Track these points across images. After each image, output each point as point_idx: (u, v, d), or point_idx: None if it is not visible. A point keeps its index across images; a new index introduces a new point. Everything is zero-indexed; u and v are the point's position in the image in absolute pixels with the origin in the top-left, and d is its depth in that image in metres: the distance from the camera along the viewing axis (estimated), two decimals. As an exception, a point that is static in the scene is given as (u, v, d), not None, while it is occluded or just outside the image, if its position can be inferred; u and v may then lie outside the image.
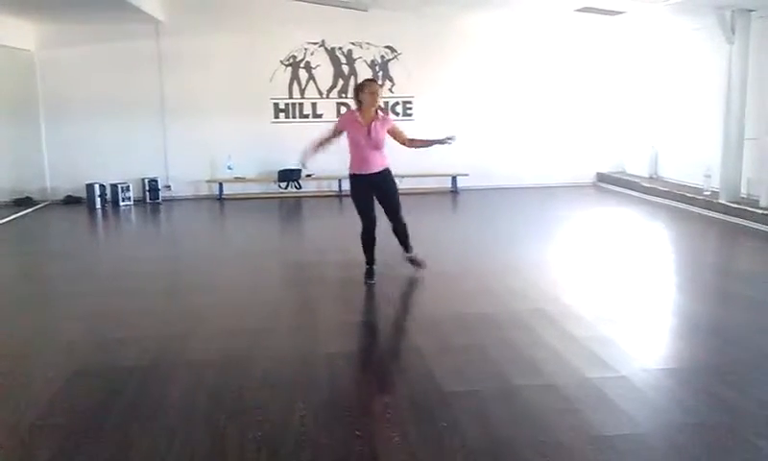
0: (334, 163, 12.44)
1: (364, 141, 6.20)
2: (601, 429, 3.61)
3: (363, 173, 6.30)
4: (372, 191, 6.36)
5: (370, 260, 6.52)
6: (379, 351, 4.90)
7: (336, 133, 6.44)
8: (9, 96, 12.05)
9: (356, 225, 6.47)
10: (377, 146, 6.24)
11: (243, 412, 3.86)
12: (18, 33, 11.43)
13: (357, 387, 4.27)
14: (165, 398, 4.09)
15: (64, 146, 12.27)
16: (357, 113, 6.29)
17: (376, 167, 6.30)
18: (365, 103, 6.22)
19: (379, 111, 6.32)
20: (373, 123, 6.20)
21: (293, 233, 10.59)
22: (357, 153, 6.30)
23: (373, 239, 6.43)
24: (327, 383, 4.28)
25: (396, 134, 6.39)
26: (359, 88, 6.33)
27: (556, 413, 3.81)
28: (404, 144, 6.48)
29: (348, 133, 6.30)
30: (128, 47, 12.15)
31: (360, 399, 4.09)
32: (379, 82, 12.68)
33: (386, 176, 6.37)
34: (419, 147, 6.57)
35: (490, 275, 6.94)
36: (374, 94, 6.23)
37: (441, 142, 6.40)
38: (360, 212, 6.37)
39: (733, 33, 9.63)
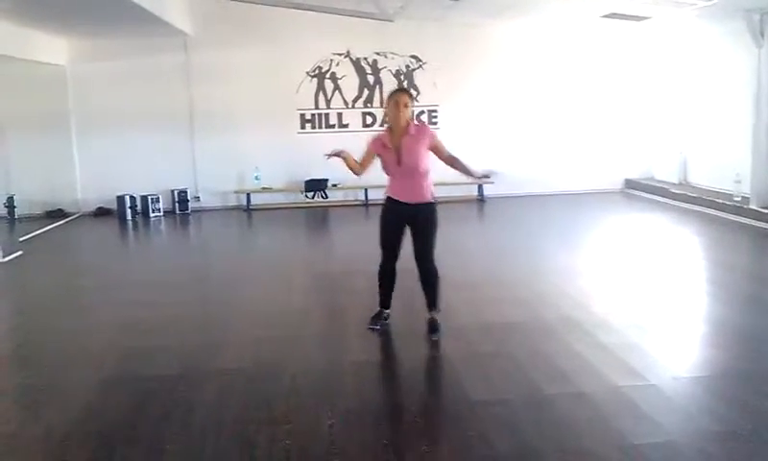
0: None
1: (393, 169, 5.12)
2: (631, 438, 3.58)
3: (397, 199, 5.19)
4: (405, 222, 5.22)
5: (383, 302, 5.54)
6: (407, 359, 4.91)
7: (369, 156, 5.26)
8: (41, 110, 12.27)
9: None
10: (413, 171, 5.07)
11: (272, 420, 3.90)
12: (50, 48, 11.67)
13: (385, 396, 4.29)
14: (195, 406, 4.15)
15: (95, 158, 12.49)
16: (386, 136, 5.14)
17: (415, 198, 5.13)
18: (389, 117, 5.15)
19: (412, 124, 5.11)
20: (403, 142, 5.04)
21: (320, 243, 10.64)
22: (392, 179, 5.24)
23: (392, 277, 5.43)
24: (356, 392, 4.31)
25: (437, 151, 5.17)
26: (388, 99, 5.21)
27: (585, 422, 3.79)
28: (445, 162, 5.23)
29: (381, 158, 5.21)
30: (157, 61, 12.35)
31: (388, 407, 4.10)
32: (408, 87, 12.75)
33: (426, 212, 5.16)
34: (457, 169, 5.27)
35: (518, 282, 6.93)
36: (398, 105, 5.03)
37: (481, 178, 5.49)
38: (381, 241, 5.34)
39: (762, 36, 9.50)
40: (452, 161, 5.22)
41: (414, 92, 12.87)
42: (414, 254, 5.22)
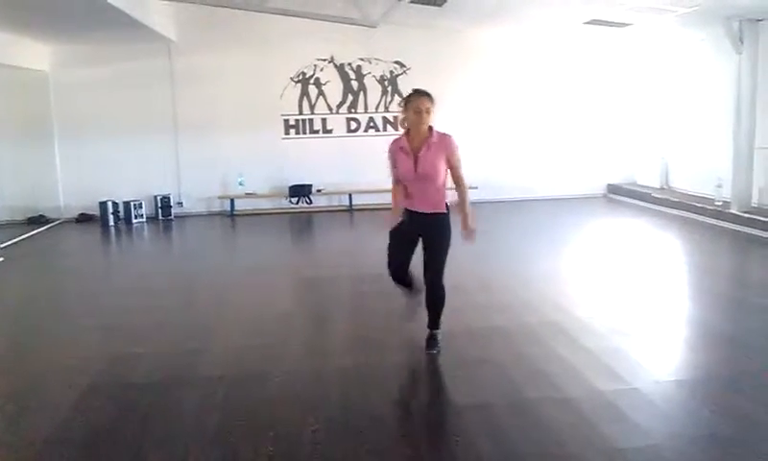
0: (344, 178, 12.68)
1: (411, 176, 4.76)
2: (614, 442, 3.60)
3: (408, 208, 4.89)
4: (417, 234, 4.87)
5: (409, 292, 5.24)
6: (391, 365, 4.91)
7: (395, 174, 4.92)
8: (23, 116, 12.21)
9: (366, 238, 6.44)
10: (428, 180, 4.75)
11: (255, 427, 3.88)
12: (33, 54, 11.59)
13: (369, 402, 4.28)
14: (178, 413, 4.12)
15: (78, 164, 12.41)
16: (405, 139, 4.80)
17: (427, 207, 4.82)
18: (410, 123, 4.76)
19: (435, 132, 4.78)
20: (423, 150, 4.72)
21: (304, 248, 10.61)
22: (406, 186, 4.89)
23: (407, 283, 5.12)
24: (339, 398, 4.30)
25: (451, 166, 4.82)
26: (405, 103, 4.83)
27: (569, 426, 3.80)
28: (453, 180, 4.88)
29: (396, 164, 4.86)
30: (140, 66, 12.30)
31: (372, 413, 4.09)
32: (394, 98, 12.77)
33: (438, 222, 4.83)
34: (458, 195, 4.91)
35: (502, 288, 6.95)
36: (420, 113, 4.67)
37: (466, 228, 4.91)
38: (388, 251, 5.00)
39: (742, 42, 9.63)
40: (459, 185, 4.88)
41: (398, 98, 12.92)
42: (423, 268, 4.90)
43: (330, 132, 13.00)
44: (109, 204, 12.03)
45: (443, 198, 4.85)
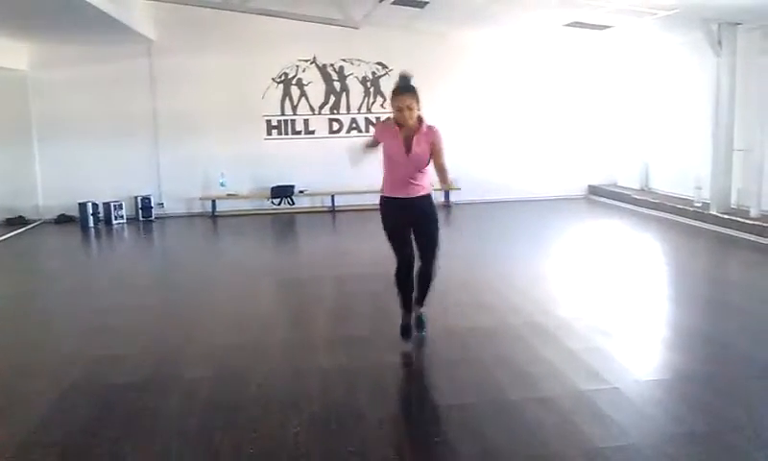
0: (326, 179, 12.65)
1: (402, 160, 4.88)
2: (594, 441, 3.62)
3: (396, 197, 4.98)
4: (408, 219, 5.01)
5: (406, 304, 5.19)
6: (373, 365, 4.90)
7: (375, 142, 5.11)
8: (1, 116, 12.05)
9: (348, 240, 6.43)
10: (419, 166, 4.91)
11: (237, 428, 3.86)
12: (11, 53, 11.47)
13: (351, 402, 4.27)
14: (159, 414, 4.09)
15: (57, 165, 12.28)
16: (395, 125, 4.94)
17: (415, 192, 4.96)
18: (395, 118, 4.93)
19: (425, 123, 4.96)
20: (415, 137, 4.87)
21: (286, 249, 10.58)
22: (392, 172, 5.00)
23: (411, 281, 5.10)
24: (321, 398, 4.28)
25: (435, 154, 4.94)
26: (391, 98, 5.03)
27: (550, 426, 3.82)
28: (436, 166, 4.97)
29: (384, 145, 5.00)
30: (120, 67, 12.20)
31: (354, 414, 4.08)
32: (376, 99, 12.76)
33: (426, 204, 5.03)
34: (438, 176, 4.99)
35: (484, 288, 6.96)
36: (402, 111, 4.84)
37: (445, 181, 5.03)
38: (392, 245, 5.06)
39: (720, 46, 9.72)
40: (441, 171, 4.95)
41: (381, 99, 12.91)
42: (418, 252, 5.03)
43: (313, 133, 12.98)
44: (89, 205, 11.92)
45: (429, 181, 5.07)
